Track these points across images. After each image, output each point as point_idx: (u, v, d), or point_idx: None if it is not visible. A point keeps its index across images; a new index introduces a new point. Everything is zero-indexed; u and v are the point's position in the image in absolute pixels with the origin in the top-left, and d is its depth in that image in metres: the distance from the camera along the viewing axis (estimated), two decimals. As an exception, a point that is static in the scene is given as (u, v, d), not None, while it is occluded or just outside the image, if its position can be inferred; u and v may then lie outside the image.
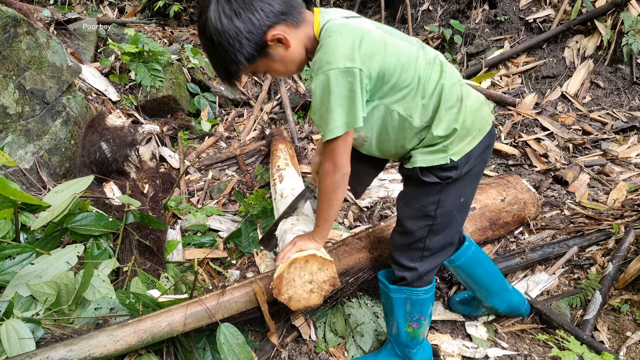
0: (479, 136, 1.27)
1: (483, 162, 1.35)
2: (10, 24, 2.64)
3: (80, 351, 1.31)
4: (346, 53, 1.10)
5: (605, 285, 1.85)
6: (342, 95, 1.11)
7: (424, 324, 1.50)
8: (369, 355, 1.68)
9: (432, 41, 4.48)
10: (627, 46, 3.45)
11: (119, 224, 1.95)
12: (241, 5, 1.09)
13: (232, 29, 1.10)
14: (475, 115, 1.26)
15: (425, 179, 1.28)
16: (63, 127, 2.87)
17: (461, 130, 1.23)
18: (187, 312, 1.46)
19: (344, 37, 1.11)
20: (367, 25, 1.20)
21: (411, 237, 1.37)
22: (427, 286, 1.44)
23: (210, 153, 3.58)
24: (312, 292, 1.43)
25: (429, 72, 1.21)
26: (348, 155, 1.23)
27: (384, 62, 1.15)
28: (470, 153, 1.26)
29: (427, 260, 1.40)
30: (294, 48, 1.18)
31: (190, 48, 4.22)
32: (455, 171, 1.26)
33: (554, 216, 2.42)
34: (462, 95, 1.24)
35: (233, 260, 2.30)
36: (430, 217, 1.32)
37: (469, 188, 1.36)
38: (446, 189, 1.29)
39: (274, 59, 1.19)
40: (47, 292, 1.54)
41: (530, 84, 3.89)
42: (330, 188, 1.28)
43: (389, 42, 1.18)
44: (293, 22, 1.16)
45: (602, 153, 2.99)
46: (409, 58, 1.19)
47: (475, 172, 1.33)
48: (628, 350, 1.67)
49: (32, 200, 1.62)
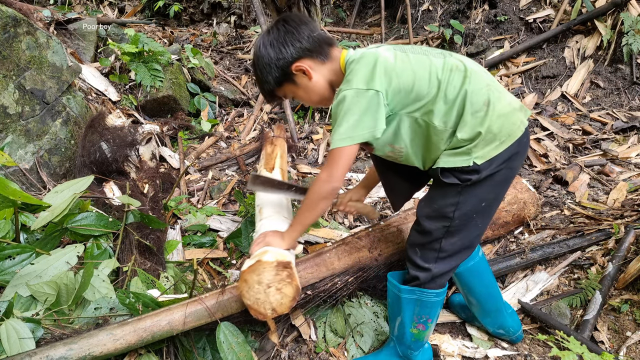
0: (507, 142, 1.26)
1: (510, 169, 1.31)
2: (10, 24, 2.64)
3: (80, 350, 1.31)
4: (364, 76, 1.24)
5: (605, 285, 1.85)
6: (352, 111, 1.23)
7: (430, 326, 1.49)
8: (370, 355, 1.68)
9: (432, 41, 4.48)
10: (627, 46, 3.45)
11: (119, 224, 1.95)
12: (278, 38, 1.34)
13: (266, 56, 1.35)
14: (504, 120, 1.26)
15: (444, 180, 1.29)
16: (63, 127, 2.87)
17: (487, 135, 1.24)
18: (186, 311, 1.47)
19: (361, 64, 1.26)
20: (382, 50, 1.31)
21: (428, 236, 1.38)
22: (439, 289, 1.43)
23: (210, 153, 3.58)
24: (281, 289, 1.41)
25: (450, 78, 1.25)
26: (345, 171, 1.30)
27: (400, 79, 1.25)
28: (495, 158, 1.26)
29: (441, 262, 1.39)
30: (317, 80, 1.38)
31: (190, 48, 4.22)
32: (475, 174, 1.26)
33: (554, 216, 2.42)
34: (489, 99, 1.25)
35: (233, 260, 2.30)
36: (448, 218, 1.33)
37: (493, 194, 1.34)
38: (466, 191, 1.29)
39: (298, 87, 1.40)
40: (47, 292, 1.54)
41: (530, 84, 3.89)
42: (317, 195, 1.36)
43: (404, 59, 1.28)
44: (319, 59, 1.36)
45: (602, 153, 2.99)
46: (425, 69, 1.26)
47: (500, 178, 1.31)
48: (628, 350, 1.67)
49: (32, 200, 1.62)
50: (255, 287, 1.40)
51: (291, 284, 1.41)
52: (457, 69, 1.26)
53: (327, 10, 5.42)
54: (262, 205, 1.87)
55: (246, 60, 5.01)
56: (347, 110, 1.23)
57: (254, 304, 1.41)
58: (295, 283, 1.42)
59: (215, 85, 4.30)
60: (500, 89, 1.31)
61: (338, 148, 1.26)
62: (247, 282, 1.40)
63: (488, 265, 1.68)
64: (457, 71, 1.26)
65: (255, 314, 1.42)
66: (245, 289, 1.41)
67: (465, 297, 1.72)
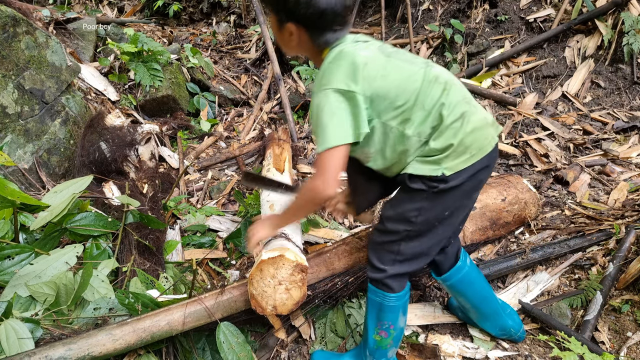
0: (478, 155, 1.26)
1: (478, 181, 1.32)
2: (10, 23, 2.63)
3: (79, 350, 1.31)
4: (344, 76, 1.19)
5: (606, 286, 1.85)
6: (336, 112, 1.19)
7: (392, 334, 1.47)
8: (335, 354, 1.70)
9: (433, 40, 4.47)
10: (627, 46, 3.44)
11: (118, 224, 1.94)
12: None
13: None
14: (477, 134, 1.26)
15: (411, 185, 1.29)
16: (62, 127, 2.86)
17: (458, 147, 1.23)
18: (186, 311, 1.46)
19: (342, 63, 1.21)
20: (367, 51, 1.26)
21: (388, 237, 1.38)
22: (396, 293, 1.42)
23: (210, 153, 3.57)
24: (289, 290, 1.41)
25: (429, 90, 1.23)
26: (339, 174, 1.25)
27: (380, 84, 1.21)
28: (464, 170, 1.25)
29: (398, 265, 1.39)
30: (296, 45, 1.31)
31: (189, 47, 4.21)
32: (443, 183, 1.25)
33: (554, 216, 2.42)
34: (465, 113, 1.25)
35: (233, 261, 2.29)
36: (410, 222, 1.32)
37: (458, 204, 1.33)
38: (431, 198, 1.28)
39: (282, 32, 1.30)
40: (46, 292, 1.54)
41: (530, 83, 3.88)
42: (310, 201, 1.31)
43: (387, 65, 1.24)
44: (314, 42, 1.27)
45: (602, 153, 2.99)
46: (407, 78, 1.23)
47: (466, 189, 1.30)
48: (629, 350, 1.66)
49: (31, 200, 1.62)
50: (268, 279, 1.38)
51: (300, 289, 1.41)
52: (436, 80, 1.25)
53: (327, 10, 5.41)
54: (274, 202, 1.86)
55: (246, 59, 5.00)
56: (329, 109, 1.19)
57: (259, 295, 1.40)
58: (304, 289, 1.42)
59: (214, 85, 4.30)
60: (475, 104, 1.31)
61: (328, 150, 1.19)
62: (262, 271, 1.38)
63: (479, 271, 1.67)
64: (437, 83, 1.24)
65: (254, 304, 1.41)
66: (257, 278, 1.38)
67: (462, 305, 1.72)
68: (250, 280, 1.40)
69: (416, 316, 1.87)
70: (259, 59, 4.87)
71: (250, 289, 1.41)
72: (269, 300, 1.41)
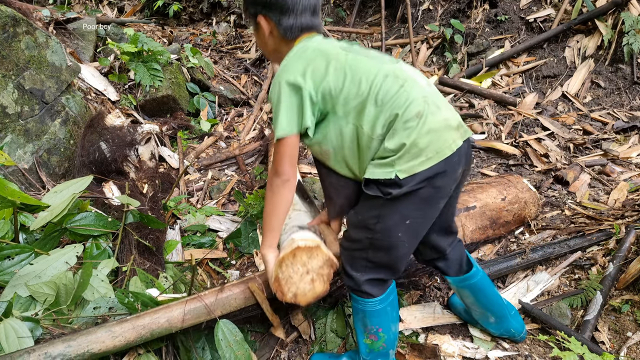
0: (434, 159, 1.19)
1: (435, 188, 1.24)
2: (10, 23, 2.63)
3: (79, 347, 1.31)
4: (297, 70, 1.22)
5: (606, 286, 1.85)
6: (288, 104, 1.22)
7: (382, 337, 1.46)
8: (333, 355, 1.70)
9: (432, 40, 4.47)
10: (627, 46, 3.44)
11: (118, 224, 1.94)
12: None
13: None
14: (434, 136, 1.19)
15: (367, 191, 1.26)
16: (62, 126, 2.86)
17: (411, 148, 1.18)
18: (185, 308, 1.46)
19: (300, 57, 1.24)
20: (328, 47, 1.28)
21: (354, 244, 1.38)
22: (375, 297, 1.40)
23: (210, 153, 3.57)
24: (314, 282, 1.40)
25: (383, 83, 1.20)
26: (291, 162, 1.28)
27: (332, 79, 1.22)
28: (418, 174, 1.19)
29: (370, 272, 1.38)
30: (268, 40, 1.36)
31: (189, 47, 4.21)
32: (397, 188, 1.20)
33: (554, 216, 2.42)
34: (423, 112, 1.19)
35: (233, 261, 2.29)
36: (370, 230, 1.31)
37: (418, 212, 1.27)
38: (387, 205, 1.25)
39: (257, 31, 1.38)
40: (46, 292, 1.54)
41: (530, 83, 3.88)
42: (268, 191, 1.32)
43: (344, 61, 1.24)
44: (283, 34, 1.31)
45: (602, 153, 2.99)
46: (363, 73, 1.22)
47: (424, 196, 1.23)
48: (629, 350, 1.66)
49: (31, 200, 1.62)
50: (298, 266, 1.38)
51: (325, 283, 1.41)
52: (393, 75, 1.21)
53: (327, 10, 5.42)
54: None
55: (246, 59, 5.00)
56: (281, 100, 1.22)
57: (284, 279, 1.38)
58: (327, 285, 1.41)
59: (214, 85, 4.30)
60: (440, 104, 1.24)
61: (279, 140, 1.25)
62: (295, 257, 1.37)
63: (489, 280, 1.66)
64: (394, 77, 1.21)
65: (276, 287, 1.39)
66: (288, 262, 1.37)
67: (469, 307, 1.72)
68: (280, 263, 1.37)
69: (416, 318, 1.87)
70: (259, 59, 4.88)
71: (277, 271, 1.38)
72: (292, 287, 1.39)
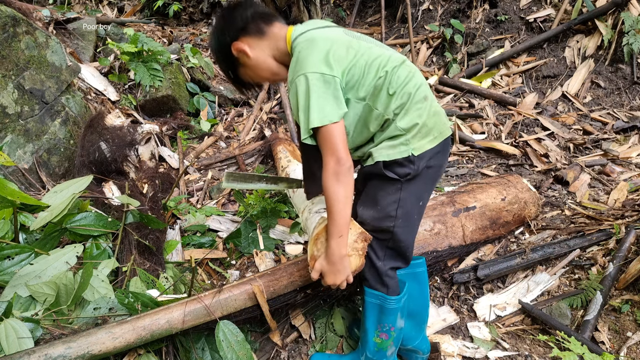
0: (439, 138, 1.33)
1: (439, 167, 1.37)
2: (10, 23, 2.63)
3: (79, 348, 1.31)
4: (320, 61, 1.22)
5: (606, 286, 1.85)
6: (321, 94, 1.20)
7: (393, 336, 1.47)
8: (334, 355, 1.69)
9: (432, 41, 4.47)
10: (627, 46, 3.44)
11: (118, 224, 1.94)
12: (217, 26, 1.38)
13: (213, 46, 1.40)
14: (437, 118, 1.34)
15: (388, 174, 1.30)
16: (62, 126, 2.86)
17: (422, 127, 1.29)
18: (186, 309, 1.46)
19: (314, 49, 1.23)
20: (335, 32, 1.31)
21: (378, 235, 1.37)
22: (395, 296, 1.42)
23: (210, 153, 3.57)
24: (350, 256, 1.35)
25: (396, 70, 1.28)
26: (345, 144, 1.23)
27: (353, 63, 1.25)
28: (427, 152, 1.31)
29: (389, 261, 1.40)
30: (257, 56, 1.36)
31: (189, 47, 4.21)
32: (412, 166, 1.29)
33: (554, 216, 2.41)
34: (428, 96, 1.33)
35: (233, 261, 2.29)
36: (392, 217, 1.33)
37: (426, 193, 1.39)
38: (406, 188, 1.31)
39: (246, 67, 1.40)
40: (46, 292, 1.54)
41: (530, 83, 3.88)
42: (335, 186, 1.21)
43: (357, 46, 1.29)
44: (255, 35, 1.35)
45: (602, 153, 2.99)
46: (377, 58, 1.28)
47: (432, 175, 1.35)
48: (629, 350, 1.66)
49: (30, 200, 1.62)
50: None
51: (360, 258, 1.36)
52: (403, 63, 1.31)
53: (327, 10, 5.41)
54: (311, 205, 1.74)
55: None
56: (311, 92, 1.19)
57: (320, 257, 1.35)
58: (363, 259, 1.37)
59: (214, 85, 4.30)
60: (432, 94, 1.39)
61: (326, 126, 1.19)
62: None
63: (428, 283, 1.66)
64: (404, 65, 1.30)
65: (313, 265, 1.36)
66: (322, 239, 1.35)
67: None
68: (315, 240, 1.36)
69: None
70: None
71: (313, 248, 1.36)
72: None
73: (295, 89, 1.23)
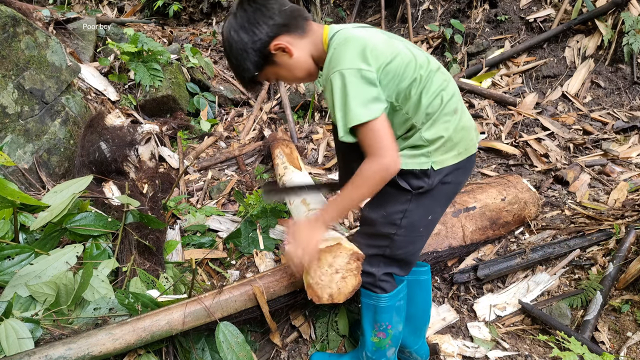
0: (463, 154, 1.29)
1: (457, 184, 1.33)
2: (10, 23, 2.63)
3: (79, 349, 1.31)
4: (357, 56, 1.17)
5: (606, 286, 1.85)
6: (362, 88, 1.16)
7: (390, 334, 1.46)
8: (334, 355, 1.69)
9: (432, 41, 4.47)
10: (627, 46, 3.44)
11: (118, 224, 1.94)
12: (248, 19, 1.24)
13: (240, 41, 1.25)
14: (465, 133, 1.29)
15: (399, 182, 1.27)
16: (62, 126, 2.86)
17: (447, 141, 1.24)
18: (186, 310, 1.46)
19: (351, 46, 1.18)
20: (372, 31, 1.27)
21: (375, 240, 1.37)
22: (388, 293, 1.40)
23: (210, 153, 3.57)
24: (345, 278, 1.38)
25: (433, 76, 1.24)
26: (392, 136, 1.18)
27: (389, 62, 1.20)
28: (449, 168, 1.26)
29: (384, 267, 1.39)
30: (299, 56, 1.28)
31: (189, 47, 4.21)
32: (427, 180, 1.25)
33: (554, 216, 2.42)
34: (458, 109, 1.27)
35: (233, 261, 2.29)
36: (395, 225, 1.31)
37: (439, 208, 1.35)
38: (415, 200, 1.28)
39: (280, 67, 1.30)
40: (46, 292, 1.54)
41: (530, 83, 3.88)
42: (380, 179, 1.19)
43: (395, 45, 1.24)
44: (297, 33, 1.27)
45: (602, 153, 2.99)
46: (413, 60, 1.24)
47: (447, 191, 1.31)
48: (629, 350, 1.66)
49: (30, 200, 1.62)
50: (325, 268, 1.36)
51: (356, 277, 1.39)
52: (439, 70, 1.28)
53: (327, 10, 5.41)
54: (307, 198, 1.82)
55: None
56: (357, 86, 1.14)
57: (315, 284, 1.37)
58: (359, 277, 1.39)
59: (214, 85, 4.30)
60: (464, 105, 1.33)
61: (371, 121, 1.13)
62: (319, 260, 1.36)
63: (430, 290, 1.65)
64: (439, 72, 1.27)
65: (311, 294, 1.38)
66: (314, 267, 1.36)
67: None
68: (307, 270, 1.37)
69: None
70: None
71: (307, 278, 1.38)
72: (325, 290, 1.38)
73: (330, 86, 1.18)
